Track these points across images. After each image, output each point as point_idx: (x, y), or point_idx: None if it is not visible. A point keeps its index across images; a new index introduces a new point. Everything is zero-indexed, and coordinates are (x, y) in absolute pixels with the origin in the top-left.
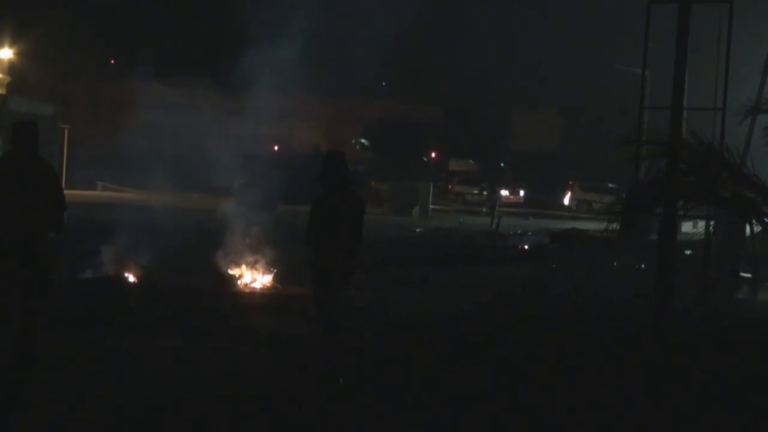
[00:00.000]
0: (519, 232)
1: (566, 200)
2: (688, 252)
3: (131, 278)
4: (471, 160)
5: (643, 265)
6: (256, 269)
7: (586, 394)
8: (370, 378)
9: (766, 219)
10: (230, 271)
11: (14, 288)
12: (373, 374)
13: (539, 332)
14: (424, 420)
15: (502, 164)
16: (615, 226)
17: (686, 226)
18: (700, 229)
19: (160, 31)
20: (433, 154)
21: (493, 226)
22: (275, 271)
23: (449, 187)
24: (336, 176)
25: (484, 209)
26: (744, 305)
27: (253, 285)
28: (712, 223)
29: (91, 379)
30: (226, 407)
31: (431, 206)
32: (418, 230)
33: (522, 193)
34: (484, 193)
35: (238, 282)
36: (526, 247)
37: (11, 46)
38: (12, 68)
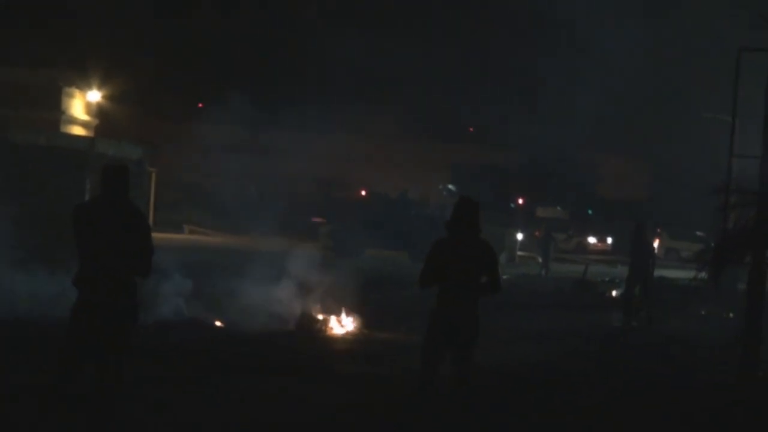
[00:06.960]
0: (607, 279)
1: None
2: None
3: (215, 321)
4: (559, 207)
5: (731, 315)
6: (342, 314)
7: None
8: None
9: None
10: (317, 315)
11: (100, 328)
12: None
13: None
14: None
15: (589, 211)
16: (703, 274)
17: None
18: None
19: (246, 75)
20: (520, 200)
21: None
22: (363, 316)
23: (536, 233)
24: (467, 223)
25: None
26: None
27: (338, 330)
28: None
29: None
30: None
31: (518, 253)
32: (504, 277)
33: (609, 240)
34: (569, 236)
35: (323, 326)
36: (614, 294)
37: (99, 88)
38: (100, 111)
